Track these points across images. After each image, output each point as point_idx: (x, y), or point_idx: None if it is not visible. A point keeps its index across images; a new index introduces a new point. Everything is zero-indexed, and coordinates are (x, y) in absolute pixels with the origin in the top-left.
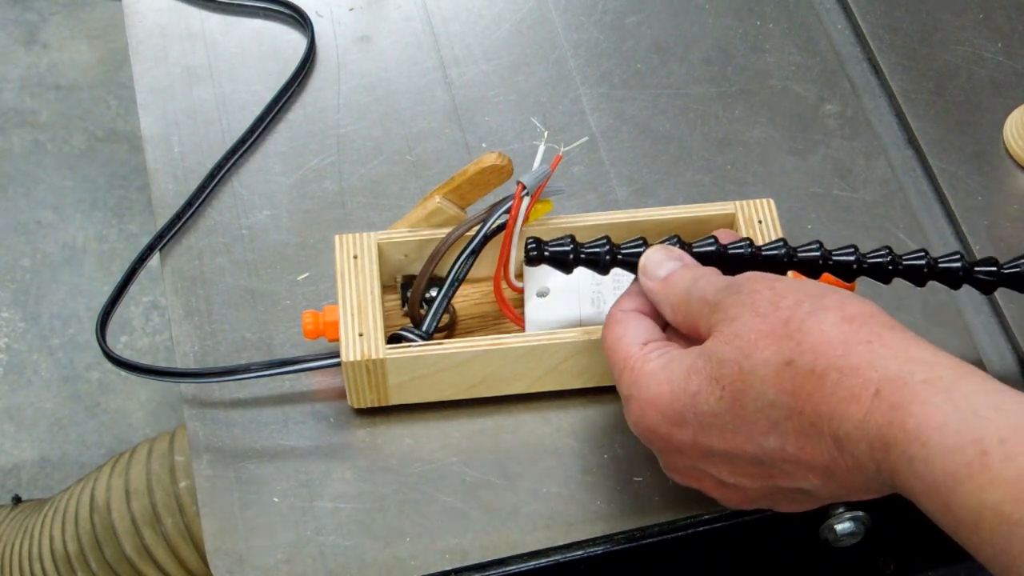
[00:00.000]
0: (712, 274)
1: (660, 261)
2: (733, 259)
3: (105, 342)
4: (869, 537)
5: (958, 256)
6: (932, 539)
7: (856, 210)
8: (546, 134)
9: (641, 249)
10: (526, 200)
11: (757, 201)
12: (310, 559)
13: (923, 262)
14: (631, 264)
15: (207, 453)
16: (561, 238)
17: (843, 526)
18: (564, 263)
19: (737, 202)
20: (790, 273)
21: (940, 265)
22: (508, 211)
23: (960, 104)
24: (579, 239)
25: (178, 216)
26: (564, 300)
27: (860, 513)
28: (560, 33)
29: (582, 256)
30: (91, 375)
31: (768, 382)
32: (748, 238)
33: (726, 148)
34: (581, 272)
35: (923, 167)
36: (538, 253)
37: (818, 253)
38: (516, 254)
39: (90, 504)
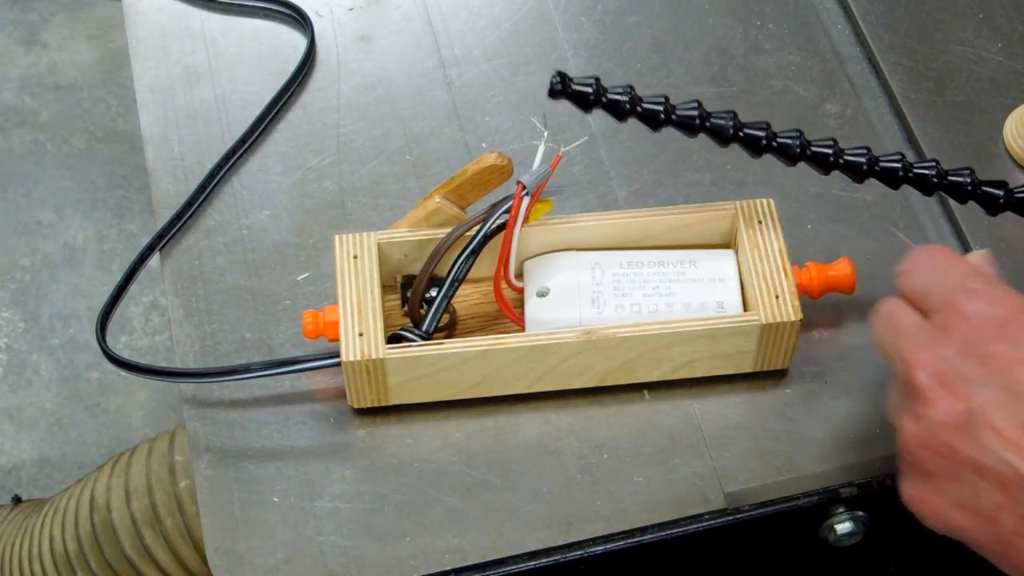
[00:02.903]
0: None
1: (988, 263)
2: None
3: (105, 342)
4: (869, 537)
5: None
6: (932, 539)
7: (856, 210)
8: (546, 134)
9: (694, 111)
10: (526, 200)
11: (757, 201)
12: (310, 559)
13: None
14: (652, 119)
15: (207, 453)
16: (587, 78)
17: (843, 526)
18: (584, 102)
19: (737, 202)
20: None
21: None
22: (508, 211)
23: (960, 104)
24: (579, 238)
25: (178, 216)
26: (564, 300)
27: (860, 513)
28: (560, 33)
29: (604, 99)
30: (91, 375)
31: None
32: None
33: (726, 148)
34: (581, 272)
35: None
36: (562, 87)
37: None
38: (516, 254)
39: (90, 504)
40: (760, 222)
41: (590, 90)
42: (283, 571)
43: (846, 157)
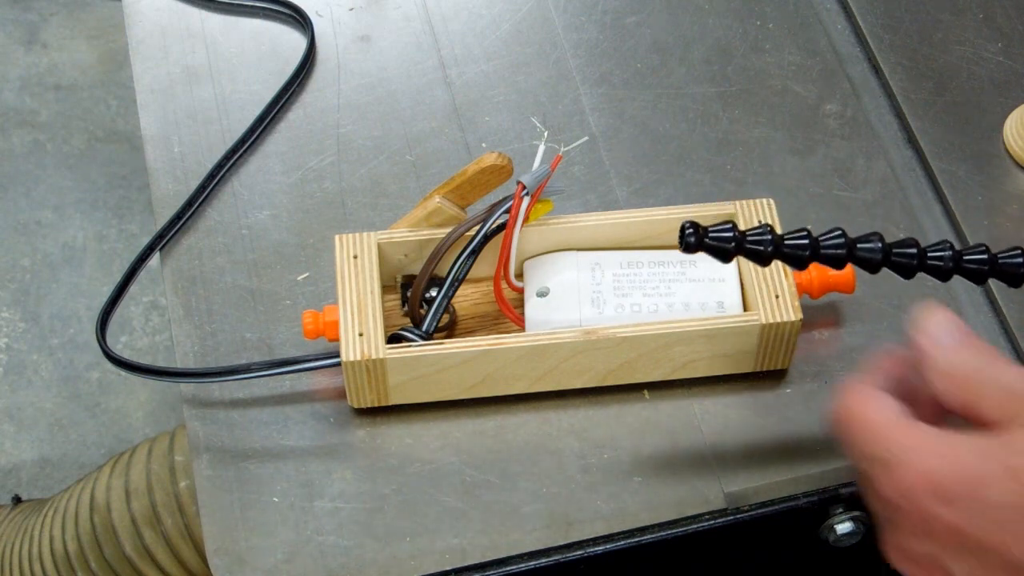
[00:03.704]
0: (1001, 360)
1: (948, 328)
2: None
3: (105, 342)
4: (869, 537)
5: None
6: None
7: (856, 210)
8: (546, 134)
9: (840, 240)
10: (526, 200)
11: (757, 201)
12: (310, 559)
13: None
14: (797, 257)
15: (207, 453)
16: (723, 224)
17: (843, 526)
18: (724, 253)
19: (737, 202)
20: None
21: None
22: (508, 211)
23: (960, 104)
24: (579, 238)
25: (178, 216)
26: (564, 300)
27: (860, 513)
28: (560, 33)
29: (745, 247)
30: (91, 375)
31: None
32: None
33: (726, 148)
34: (581, 272)
35: (923, 167)
36: (696, 240)
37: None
38: (516, 254)
39: (90, 504)
40: (760, 222)
41: (731, 245)
42: (283, 571)
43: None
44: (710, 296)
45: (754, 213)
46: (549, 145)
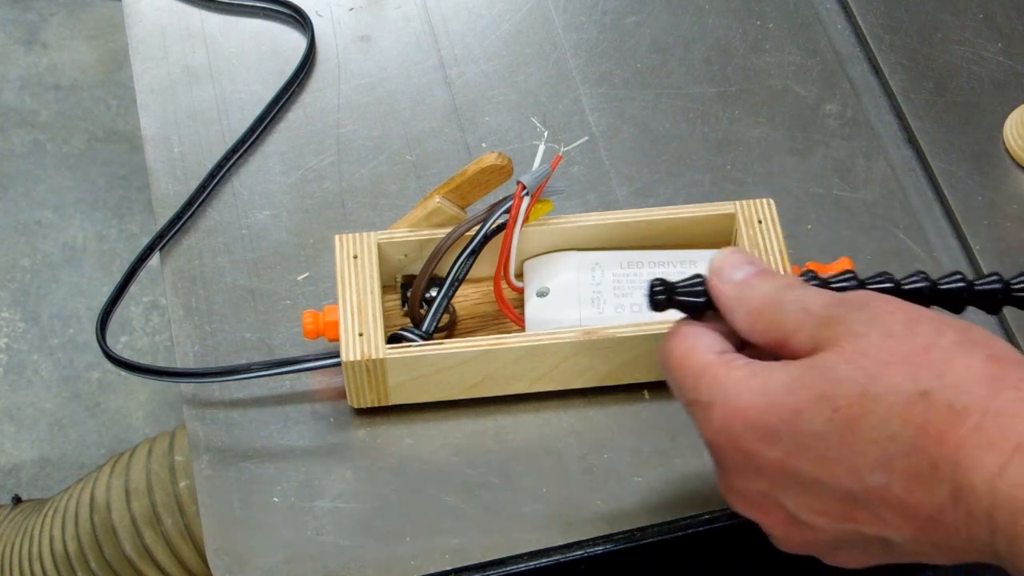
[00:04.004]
0: (802, 284)
1: (736, 263)
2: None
3: (105, 342)
4: None
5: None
6: None
7: (856, 210)
8: (546, 134)
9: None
10: (526, 200)
11: (757, 201)
12: (310, 559)
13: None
14: (691, 305)
15: (207, 453)
16: (692, 279)
17: None
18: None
19: (737, 202)
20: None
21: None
22: (508, 211)
23: (960, 104)
24: (579, 238)
25: (178, 216)
26: (564, 300)
27: None
28: (560, 33)
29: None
30: (91, 375)
31: (895, 411)
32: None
33: (726, 148)
34: (581, 272)
35: (923, 167)
36: (666, 296)
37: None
38: (516, 254)
39: (90, 504)
40: (760, 222)
41: (702, 300)
42: (283, 571)
43: None
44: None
45: (754, 213)
46: (549, 145)
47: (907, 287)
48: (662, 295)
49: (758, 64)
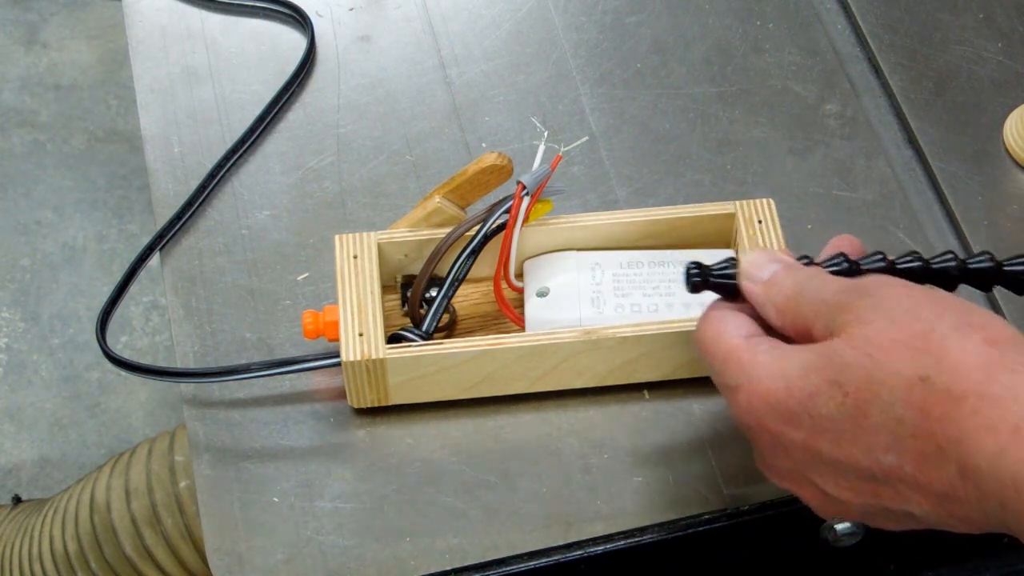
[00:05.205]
0: (822, 274)
1: (762, 263)
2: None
3: (105, 342)
4: (869, 537)
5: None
6: (932, 539)
7: (856, 210)
8: (546, 134)
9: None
10: (526, 200)
11: (757, 201)
12: (310, 559)
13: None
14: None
15: (207, 453)
16: (725, 261)
17: (843, 526)
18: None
19: (737, 202)
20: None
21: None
22: (508, 211)
23: (960, 104)
24: (579, 238)
25: (178, 216)
26: (564, 300)
27: None
28: (560, 33)
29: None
30: (91, 375)
31: (898, 395)
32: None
33: (726, 148)
34: (581, 272)
35: (923, 167)
36: (702, 278)
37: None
38: (516, 254)
39: (90, 504)
40: (760, 222)
41: (735, 281)
42: (283, 571)
43: None
44: (710, 296)
45: (754, 213)
46: (549, 145)
47: (901, 267)
48: (698, 277)
49: (758, 64)
